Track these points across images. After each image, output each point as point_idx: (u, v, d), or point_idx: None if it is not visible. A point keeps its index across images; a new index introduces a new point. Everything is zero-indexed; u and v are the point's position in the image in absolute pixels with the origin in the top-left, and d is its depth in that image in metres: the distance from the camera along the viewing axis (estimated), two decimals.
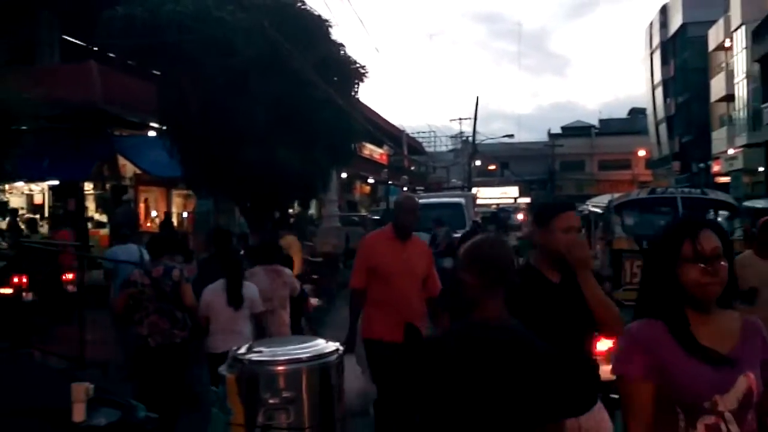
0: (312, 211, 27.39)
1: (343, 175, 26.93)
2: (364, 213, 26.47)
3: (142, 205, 17.65)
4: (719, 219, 8.96)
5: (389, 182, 27.34)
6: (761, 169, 30.65)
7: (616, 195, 9.90)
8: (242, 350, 2.67)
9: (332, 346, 2.69)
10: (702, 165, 40.07)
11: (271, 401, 2.50)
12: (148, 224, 17.41)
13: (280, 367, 2.55)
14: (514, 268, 2.34)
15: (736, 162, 34.49)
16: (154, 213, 18.42)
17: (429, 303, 4.62)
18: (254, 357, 2.60)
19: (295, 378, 2.54)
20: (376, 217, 22.13)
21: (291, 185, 14.09)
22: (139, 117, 14.97)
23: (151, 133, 14.90)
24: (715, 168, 38.32)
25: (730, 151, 35.39)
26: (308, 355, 2.60)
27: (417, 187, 38.53)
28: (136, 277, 5.34)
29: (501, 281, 2.23)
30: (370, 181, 34.97)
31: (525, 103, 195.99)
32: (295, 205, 18.59)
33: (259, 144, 12.12)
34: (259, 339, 5.01)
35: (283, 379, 2.53)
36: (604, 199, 10.84)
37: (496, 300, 2.23)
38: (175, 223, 18.21)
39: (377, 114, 31.31)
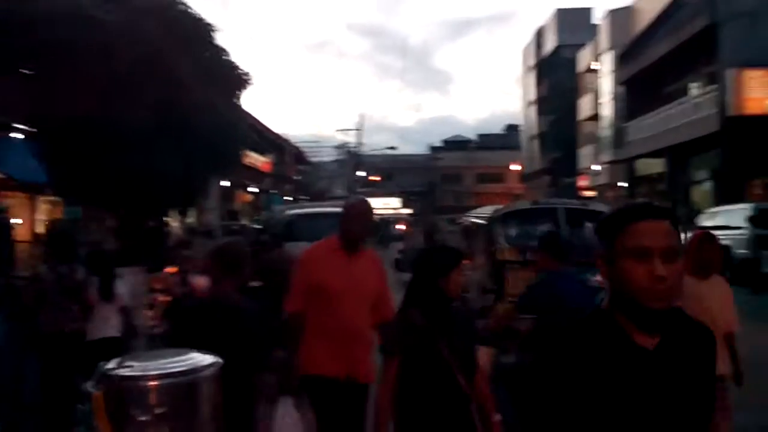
0: (191, 219, 26.60)
1: (225, 183, 26.37)
2: (244, 222, 26.00)
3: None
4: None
5: (272, 191, 27.01)
6: (622, 184, 32.83)
7: (500, 206, 9.90)
8: (111, 365, 2.53)
9: (208, 359, 2.60)
10: (570, 179, 42.40)
11: (141, 418, 2.37)
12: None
13: (152, 382, 2.43)
14: (245, 263, 3.47)
15: (601, 177, 36.78)
16: (18, 221, 17.22)
17: (380, 329, 3.62)
18: (124, 372, 2.46)
19: (168, 393, 2.43)
20: (257, 227, 21.78)
21: (170, 192, 13.64)
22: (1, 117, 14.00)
23: (16, 135, 13.94)
24: (582, 182, 40.66)
25: (596, 167, 37.70)
26: (182, 369, 2.50)
27: (301, 196, 38.36)
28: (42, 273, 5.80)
29: (232, 271, 3.37)
30: (252, 189, 34.45)
31: (408, 117, 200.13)
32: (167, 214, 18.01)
33: (137, 149, 11.67)
34: (127, 331, 5.89)
35: (155, 395, 2.41)
36: (486, 210, 10.98)
37: (229, 284, 3.35)
38: (40, 232, 17.11)
39: (261, 122, 30.93)
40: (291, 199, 35.25)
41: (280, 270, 4.71)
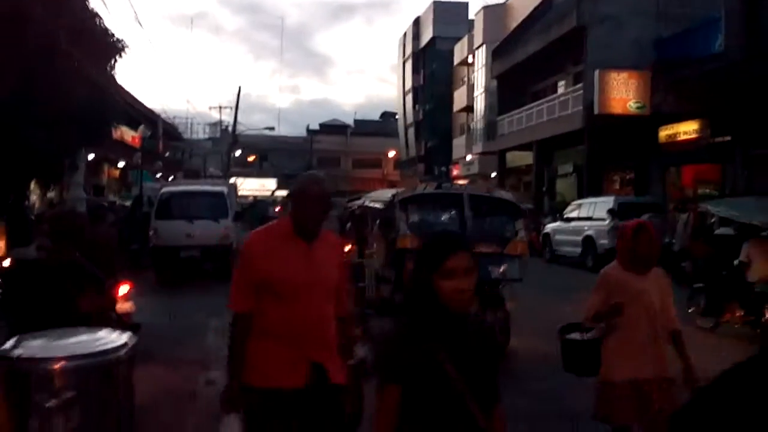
0: (52, 194, 24.90)
1: (90, 156, 24.86)
2: (113, 198, 24.68)
3: None
4: (504, 218, 8.88)
5: (142, 167, 25.80)
6: (494, 174, 34.18)
7: (400, 189, 9.22)
8: (7, 345, 2.29)
9: (120, 338, 2.42)
10: (444, 168, 43.59)
11: (47, 404, 2.18)
12: None
13: (57, 365, 2.23)
14: (80, 231, 4.00)
15: (473, 167, 38.10)
16: None
17: (338, 325, 3.25)
18: (23, 353, 2.24)
19: (76, 376, 2.24)
20: (127, 203, 20.76)
21: (33, 164, 12.67)
22: None
23: None
24: (455, 172, 41.93)
25: (468, 157, 38.99)
26: (92, 350, 2.31)
27: (175, 174, 36.91)
28: None
29: (70, 238, 3.80)
30: (120, 164, 32.71)
31: (285, 98, 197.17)
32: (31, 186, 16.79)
33: None
34: None
35: (61, 378, 2.22)
36: (383, 194, 10.35)
37: (65, 247, 3.78)
38: None
39: (131, 94, 29.39)
40: (160, 175, 33.84)
41: (103, 245, 4.75)
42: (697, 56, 18.05)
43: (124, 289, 6.42)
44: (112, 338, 2.40)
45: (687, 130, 19.16)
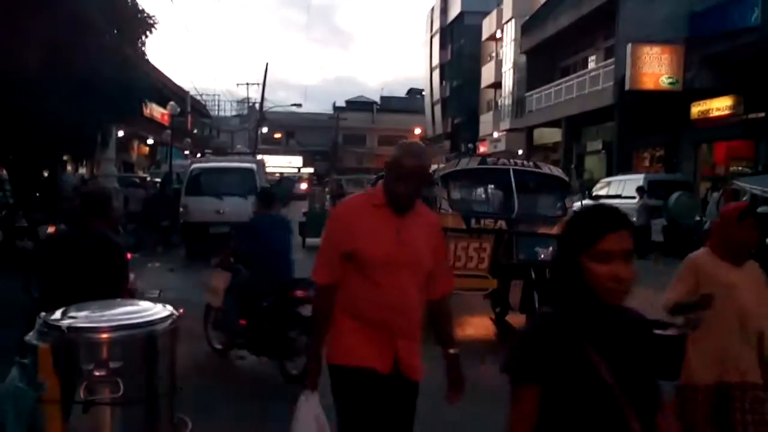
0: (83, 170, 25.28)
1: (120, 133, 25.16)
2: (145, 175, 25.00)
3: None
4: (552, 195, 8.29)
5: (171, 144, 26.03)
6: (521, 151, 33.92)
7: (440, 165, 8.45)
8: (56, 315, 2.36)
9: (164, 310, 2.48)
10: (470, 145, 43.34)
11: (95, 373, 2.24)
12: None
13: (105, 335, 2.30)
14: (111, 206, 4.03)
15: (500, 144, 37.80)
16: None
17: (432, 308, 3.01)
18: (73, 323, 2.31)
19: (123, 346, 2.31)
20: (157, 180, 21.00)
21: (63, 138, 12.86)
22: None
23: None
24: (481, 149, 41.65)
25: (495, 134, 38.69)
26: (137, 320, 2.38)
27: (206, 150, 37.20)
28: None
29: (100, 213, 3.89)
30: (150, 141, 33.08)
31: (311, 75, 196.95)
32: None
33: (27, 90, 10.87)
34: None
35: (109, 348, 2.29)
36: None
37: (98, 220, 3.86)
38: None
39: (160, 71, 29.61)
40: (188, 152, 34.16)
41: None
42: (731, 30, 17.63)
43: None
44: (156, 310, 2.46)
45: (720, 106, 18.80)
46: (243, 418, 5.35)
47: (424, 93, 60.57)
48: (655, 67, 19.89)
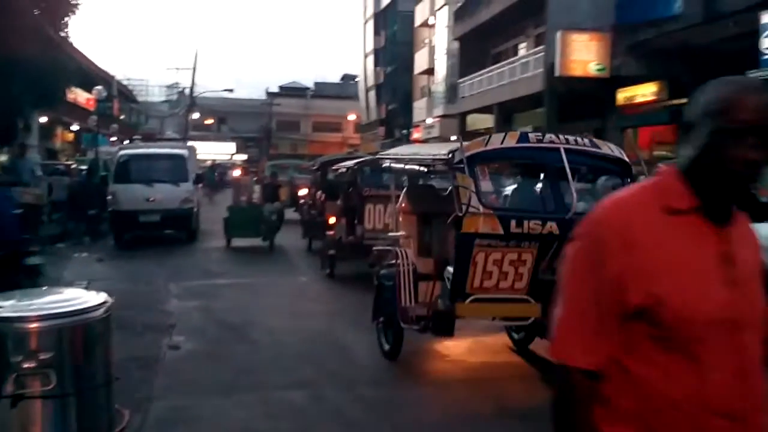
0: (3, 158, 24.14)
1: (43, 119, 24.16)
2: (70, 162, 24.05)
3: None
4: (609, 181, 6.49)
5: (97, 130, 25.15)
6: (454, 137, 34.23)
7: (465, 143, 5.79)
8: None
9: (97, 298, 2.37)
10: (404, 131, 43.50)
11: (24, 365, 2.13)
12: None
13: (34, 324, 2.18)
14: None
15: (434, 130, 38.06)
16: None
17: None
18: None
19: (53, 336, 2.20)
20: (83, 167, 20.27)
21: None
22: None
23: None
24: (415, 135, 41.84)
25: (429, 120, 38.93)
26: (68, 308, 2.26)
27: (134, 136, 36.11)
28: None
29: None
30: (74, 128, 31.87)
31: (244, 60, 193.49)
32: None
33: None
34: None
35: (38, 339, 2.18)
36: (426, 150, 7.57)
37: None
38: None
39: (84, 55, 28.52)
40: (115, 139, 33.11)
41: None
42: (656, 19, 18.20)
43: None
44: (88, 298, 2.36)
45: (645, 92, 19.40)
46: (182, 409, 5.25)
47: (358, 79, 60.35)
48: (584, 54, 20.36)
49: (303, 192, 18.22)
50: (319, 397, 5.57)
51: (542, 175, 6.28)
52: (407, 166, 7.33)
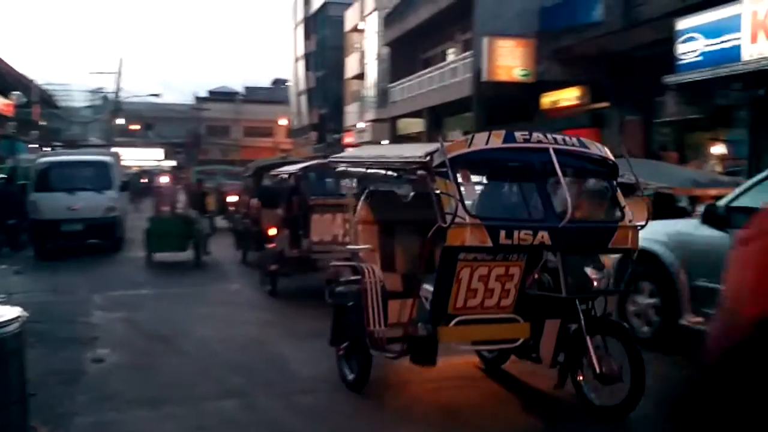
0: None
1: None
2: None
3: None
4: (602, 190, 5.60)
5: (16, 137, 24.16)
6: (386, 142, 34.45)
7: (440, 143, 5.07)
8: None
9: (11, 312, 2.27)
10: (336, 136, 43.48)
11: None
12: None
13: None
14: None
15: (365, 135, 38.19)
16: None
17: None
18: None
19: None
20: (1, 176, 19.43)
21: None
22: None
23: None
24: (347, 139, 41.88)
25: (360, 125, 39.05)
26: None
27: (54, 143, 34.82)
28: None
29: None
30: None
31: (171, 64, 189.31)
32: None
33: None
34: None
35: None
36: (397, 151, 6.53)
37: None
38: None
39: (1, 58, 27.36)
40: (37, 146, 31.88)
41: None
42: (577, 25, 18.79)
43: None
44: (1, 312, 2.27)
45: (568, 96, 20.01)
46: (106, 425, 5.09)
47: (289, 83, 59.96)
48: (510, 60, 20.81)
49: (233, 199, 17.84)
50: (252, 406, 5.49)
51: (520, 178, 5.52)
52: (370, 170, 6.40)
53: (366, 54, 37.70)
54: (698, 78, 13.06)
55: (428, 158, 4.92)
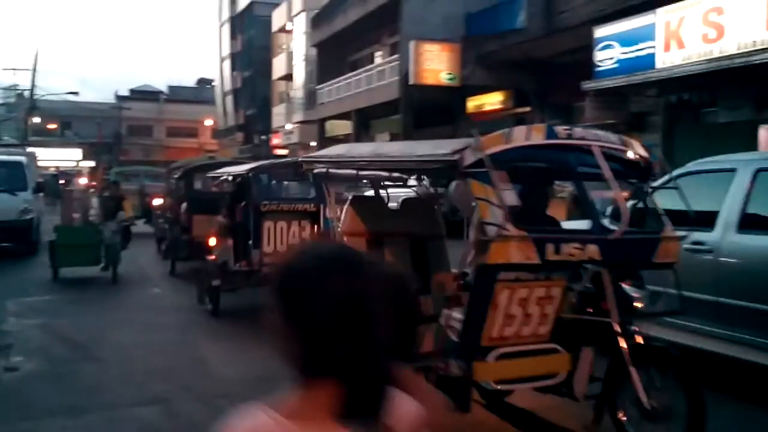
0: None
1: None
2: None
3: None
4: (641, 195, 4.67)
5: None
6: (314, 143, 34.33)
7: (474, 138, 4.11)
8: None
9: None
10: (263, 137, 43.04)
11: None
12: None
13: None
14: None
15: (293, 136, 37.96)
16: None
17: None
18: None
19: None
20: None
21: None
22: None
23: None
24: (275, 141, 41.54)
25: (288, 126, 38.78)
26: None
27: None
28: None
29: None
30: None
31: (91, 62, 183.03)
32: None
33: None
34: None
35: None
36: (405, 149, 5.26)
37: None
38: None
39: None
40: None
41: None
42: (501, 31, 19.25)
43: None
44: None
45: (492, 101, 20.46)
46: None
47: (214, 83, 58.98)
48: (436, 64, 21.11)
49: (158, 202, 17.23)
50: (174, 412, 5.37)
51: (569, 180, 4.62)
52: (364, 173, 5.59)
53: (294, 55, 37.48)
54: (614, 84, 13.60)
55: (458, 156, 4.00)
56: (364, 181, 6.11)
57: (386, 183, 6.29)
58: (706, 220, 5.65)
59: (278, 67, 41.37)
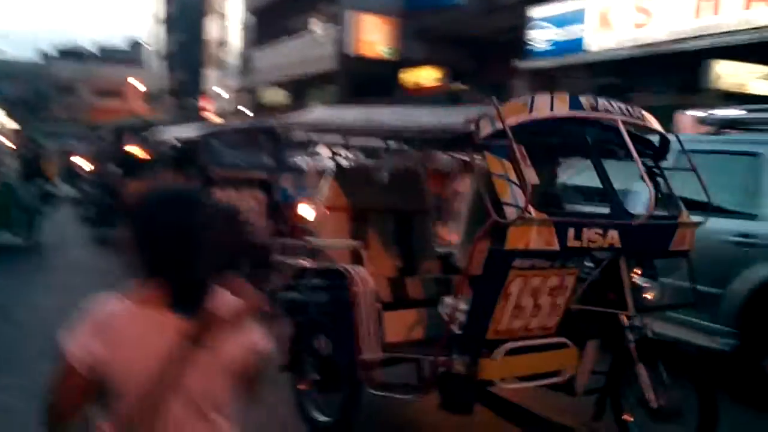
0: None
1: None
2: None
3: None
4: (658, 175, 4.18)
5: None
6: (247, 111, 33.75)
7: (500, 106, 3.49)
8: None
9: None
10: (193, 101, 42.03)
11: None
12: None
13: None
14: None
15: (227, 103, 37.21)
16: None
17: None
18: None
19: None
20: None
21: None
22: None
23: None
24: (207, 105, 40.64)
25: (221, 92, 37.98)
26: None
27: None
28: None
29: None
30: None
31: (14, 18, 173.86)
32: None
33: None
34: None
35: None
36: (403, 116, 4.45)
37: None
38: None
39: None
40: None
41: None
42: (439, 7, 19.29)
43: None
44: None
45: (428, 76, 20.55)
46: None
47: (147, 45, 57.15)
48: (374, 36, 21.04)
49: (83, 164, 16.59)
50: None
51: (589, 157, 4.30)
52: (355, 139, 5.01)
53: (228, 19, 36.62)
54: (546, 66, 13.88)
55: (473, 127, 3.51)
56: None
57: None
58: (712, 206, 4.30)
59: (213, 31, 40.36)
